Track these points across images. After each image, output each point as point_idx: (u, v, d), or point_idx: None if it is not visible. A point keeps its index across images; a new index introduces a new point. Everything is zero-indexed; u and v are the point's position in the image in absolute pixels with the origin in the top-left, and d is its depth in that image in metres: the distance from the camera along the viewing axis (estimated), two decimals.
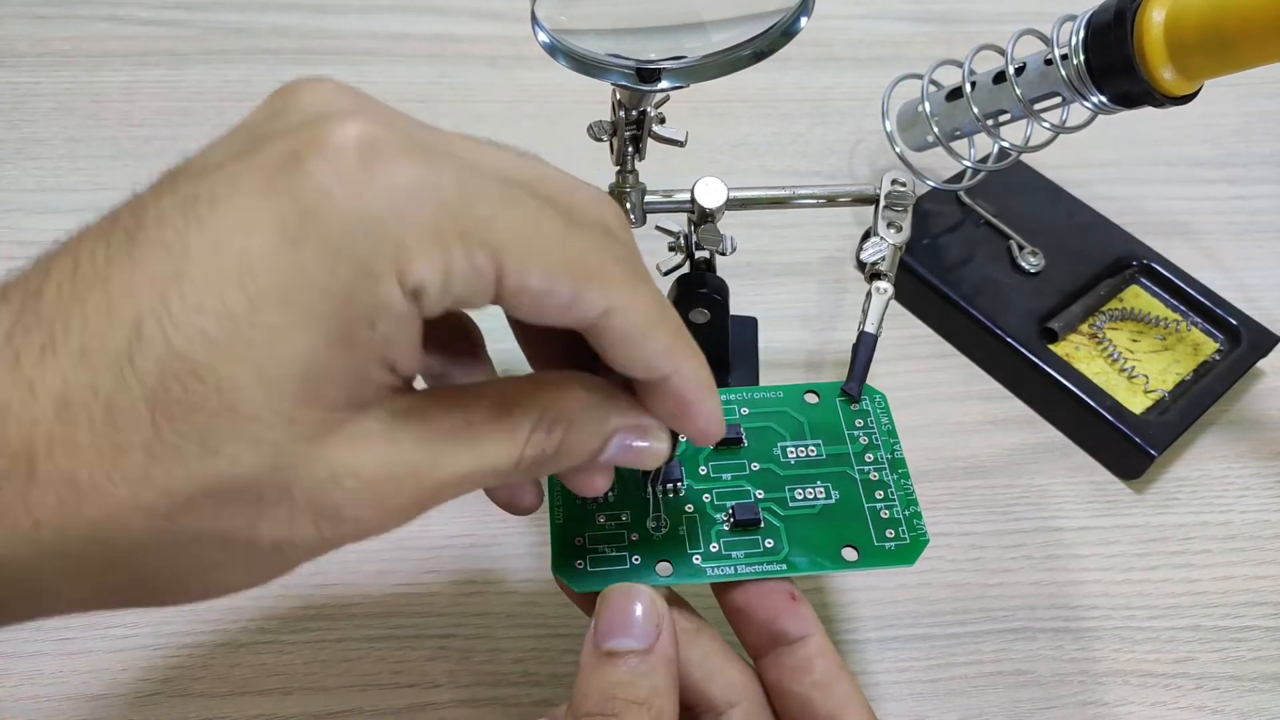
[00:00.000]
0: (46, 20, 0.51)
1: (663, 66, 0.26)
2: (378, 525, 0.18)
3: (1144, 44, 0.32)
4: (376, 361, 0.17)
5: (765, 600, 0.24)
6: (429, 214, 0.16)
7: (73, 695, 0.30)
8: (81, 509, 0.15)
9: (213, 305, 0.15)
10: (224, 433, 0.16)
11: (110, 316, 0.15)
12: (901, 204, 0.32)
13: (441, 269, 0.16)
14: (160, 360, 0.15)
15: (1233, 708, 0.32)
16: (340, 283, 0.16)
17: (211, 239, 0.16)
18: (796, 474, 0.26)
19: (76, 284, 0.16)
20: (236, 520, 0.16)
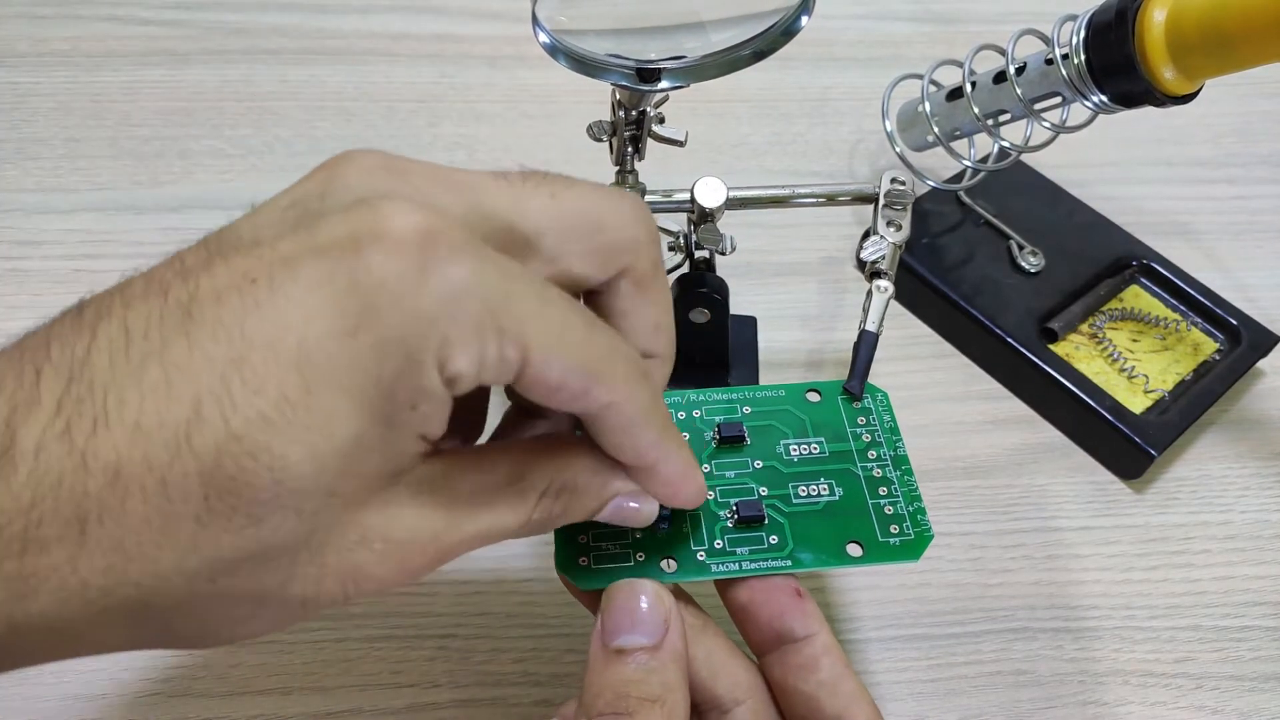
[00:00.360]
0: (47, 20, 0.51)
1: (663, 66, 0.26)
2: (394, 582, 0.19)
3: (1145, 43, 0.32)
4: (413, 437, 0.18)
5: (770, 597, 0.24)
6: (474, 313, 0.18)
7: (73, 695, 0.30)
8: (128, 572, 0.16)
9: (271, 390, 0.16)
10: (270, 506, 0.17)
11: (169, 396, 0.16)
12: (901, 202, 0.32)
13: (478, 360, 0.18)
14: (218, 441, 0.16)
15: (1233, 707, 0.32)
16: (390, 371, 0.17)
17: (271, 324, 0.17)
18: (800, 471, 0.26)
19: (130, 356, 0.17)
20: (271, 580, 0.18)
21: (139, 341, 0.17)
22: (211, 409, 0.16)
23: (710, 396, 0.27)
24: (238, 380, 0.16)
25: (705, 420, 0.27)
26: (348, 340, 0.17)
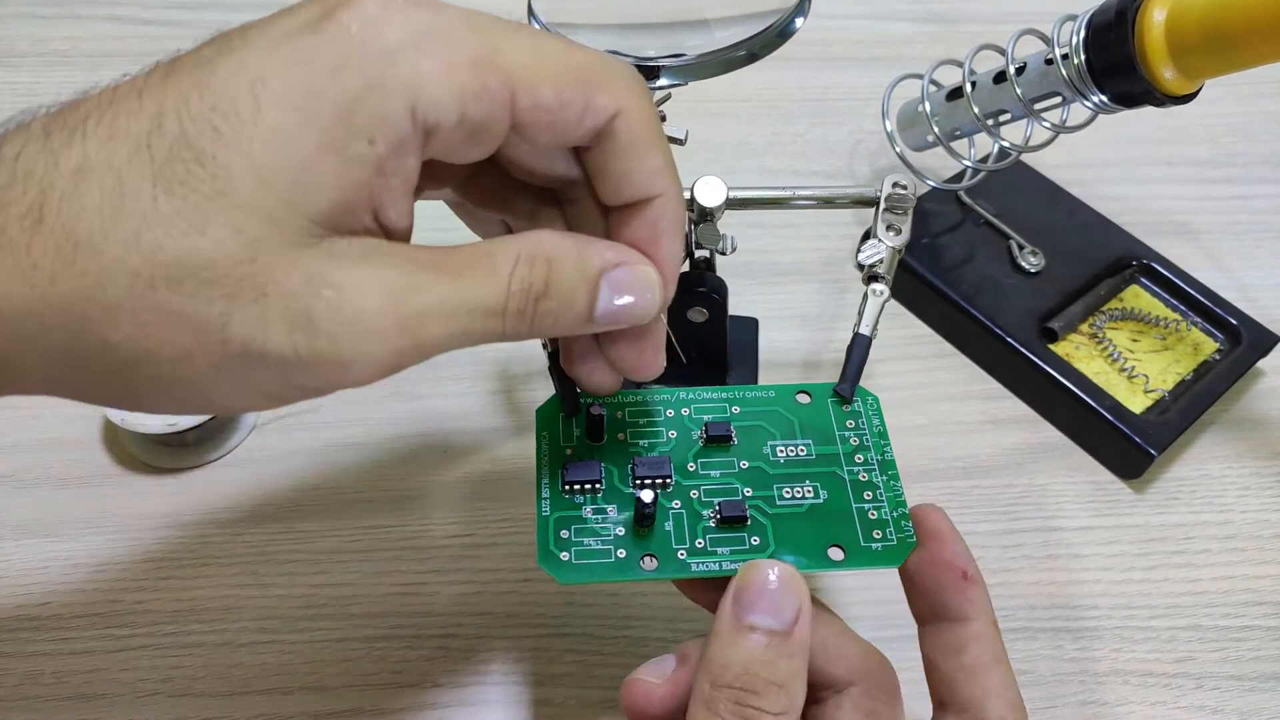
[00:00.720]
0: (47, 20, 0.51)
1: (662, 64, 0.26)
2: (351, 350, 0.18)
3: (1145, 43, 0.32)
4: (365, 192, 0.18)
5: (936, 571, 0.24)
6: (444, 45, 0.18)
7: (73, 695, 0.30)
8: (75, 262, 0.17)
9: (225, 105, 0.17)
10: (213, 216, 0.17)
11: (138, 112, 0.17)
12: (902, 207, 0.32)
13: (456, 92, 0.18)
14: (171, 144, 0.17)
15: (1233, 707, 0.32)
16: (347, 91, 0.18)
17: (237, 62, 0.18)
18: (785, 473, 0.26)
19: (116, 95, 0.18)
20: (211, 308, 0.17)
21: (123, 90, 0.18)
22: (171, 120, 0.17)
23: (700, 395, 0.27)
24: (197, 99, 0.17)
25: (693, 419, 0.27)
26: (305, 67, 0.18)
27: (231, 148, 0.17)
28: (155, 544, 0.33)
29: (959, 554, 0.24)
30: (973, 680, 0.23)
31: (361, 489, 0.35)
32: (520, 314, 0.20)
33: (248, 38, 0.18)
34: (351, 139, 0.18)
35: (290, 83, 0.17)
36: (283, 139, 0.17)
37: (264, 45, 0.18)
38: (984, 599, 0.24)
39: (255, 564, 0.33)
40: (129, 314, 0.17)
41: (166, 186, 0.17)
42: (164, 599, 0.32)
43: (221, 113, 0.17)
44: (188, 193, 0.17)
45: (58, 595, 0.32)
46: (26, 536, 0.33)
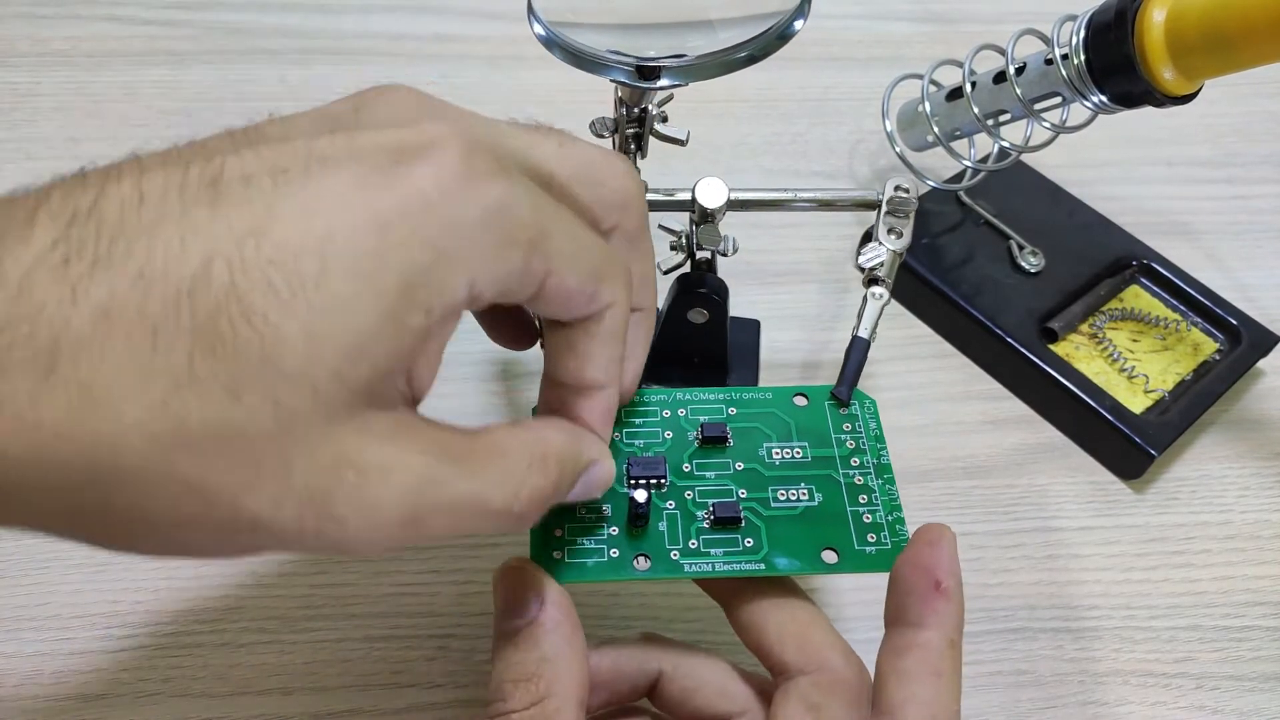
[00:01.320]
0: (47, 20, 0.51)
1: (663, 64, 0.26)
2: (354, 535, 0.17)
3: (1144, 44, 0.32)
4: (405, 359, 0.18)
5: (912, 574, 0.23)
6: (511, 227, 0.18)
7: (74, 695, 0.30)
8: (87, 420, 0.15)
9: (287, 261, 0.16)
10: (251, 383, 0.16)
11: (180, 250, 0.16)
12: (904, 210, 0.32)
13: (506, 273, 0.19)
14: (218, 298, 0.15)
15: (1232, 708, 0.32)
16: (415, 266, 0.17)
17: (301, 207, 0.16)
18: (781, 475, 0.26)
19: (143, 214, 0.16)
20: (229, 478, 0.16)
21: (154, 203, 0.16)
22: (221, 269, 0.15)
23: (696, 396, 0.27)
24: (254, 248, 0.16)
25: (689, 420, 0.27)
26: (378, 233, 0.17)
27: (288, 310, 0.16)
28: None
29: (939, 565, 0.23)
30: (901, 685, 0.22)
31: None
32: (524, 518, 0.20)
33: (309, 171, 0.17)
34: (411, 311, 0.17)
35: (359, 248, 0.16)
36: (346, 309, 0.16)
37: (333, 189, 0.17)
38: (950, 615, 0.23)
39: (254, 564, 0.33)
40: (138, 480, 0.16)
41: (207, 346, 0.15)
42: (164, 599, 0.32)
43: (281, 268, 0.16)
44: (228, 355, 0.15)
45: (58, 595, 0.32)
46: (27, 536, 0.33)
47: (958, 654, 0.23)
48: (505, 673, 0.22)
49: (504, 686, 0.22)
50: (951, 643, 0.23)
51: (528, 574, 0.23)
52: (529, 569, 0.23)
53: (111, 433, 0.15)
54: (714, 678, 0.25)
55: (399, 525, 0.18)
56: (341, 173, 0.17)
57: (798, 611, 0.24)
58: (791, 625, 0.24)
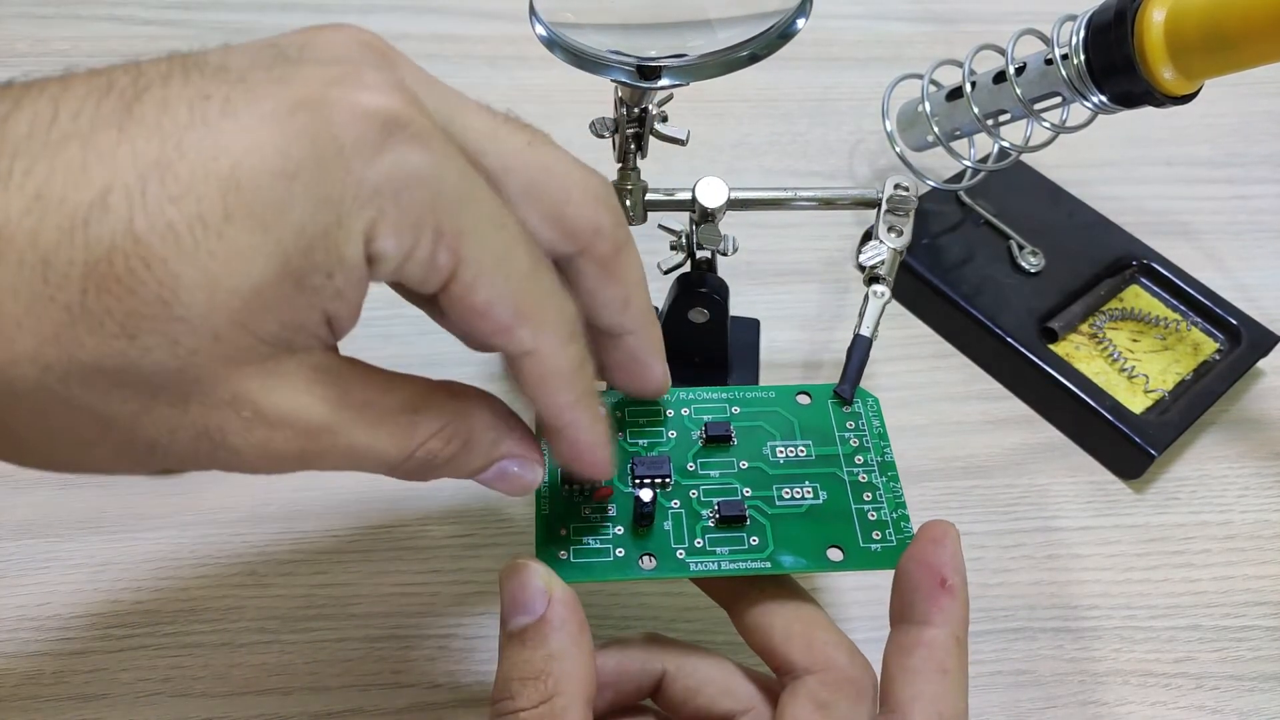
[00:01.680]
0: (47, 20, 0.51)
1: (663, 64, 0.26)
2: (250, 465, 0.18)
3: (1144, 44, 0.32)
4: (319, 311, 0.17)
5: (917, 572, 0.23)
6: (418, 201, 0.17)
7: (73, 695, 0.30)
8: None
9: (189, 205, 0.15)
10: (148, 324, 0.16)
11: (81, 175, 0.15)
12: (904, 208, 0.32)
13: (407, 250, 0.17)
14: (115, 235, 0.15)
15: (1232, 707, 0.32)
16: (317, 227, 0.16)
17: (212, 142, 0.16)
18: (785, 473, 0.26)
19: (51, 132, 0.15)
20: (125, 407, 0.16)
21: (65, 121, 0.16)
22: (120, 201, 0.15)
23: (700, 395, 0.27)
24: (157, 183, 0.15)
25: (693, 419, 0.27)
26: (284, 181, 0.16)
27: (186, 257, 0.15)
28: (155, 544, 0.33)
29: (944, 562, 0.23)
30: (908, 683, 0.22)
31: (361, 489, 0.35)
32: (411, 473, 0.20)
33: (229, 101, 0.16)
34: (310, 272, 0.17)
35: (263, 196, 0.16)
36: (246, 261, 0.16)
37: (247, 125, 0.16)
38: (956, 613, 0.23)
39: (255, 564, 0.33)
40: (34, 405, 0.16)
41: (101, 283, 0.15)
42: (164, 599, 0.32)
43: (181, 208, 0.15)
44: (124, 294, 0.15)
45: (58, 595, 0.32)
46: (27, 536, 0.33)
47: (964, 651, 0.23)
48: (512, 671, 0.22)
49: (511, 685, 0.21)
50: (958, 640, 0.23)
51: (533, 571, 0.23)
52: (535, 566, 0.23)
53: (4, 360, 0.15)
54: (717, 676, 0.25)
55: (291, 460, 0.18)
56: (260, 106, 0.16)
57: (802, 611, 0.24)
58: (797, 625, 0.24)
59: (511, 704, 0.21)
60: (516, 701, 0.21)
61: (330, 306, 0.17)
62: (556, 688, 0.21)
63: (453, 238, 0.18)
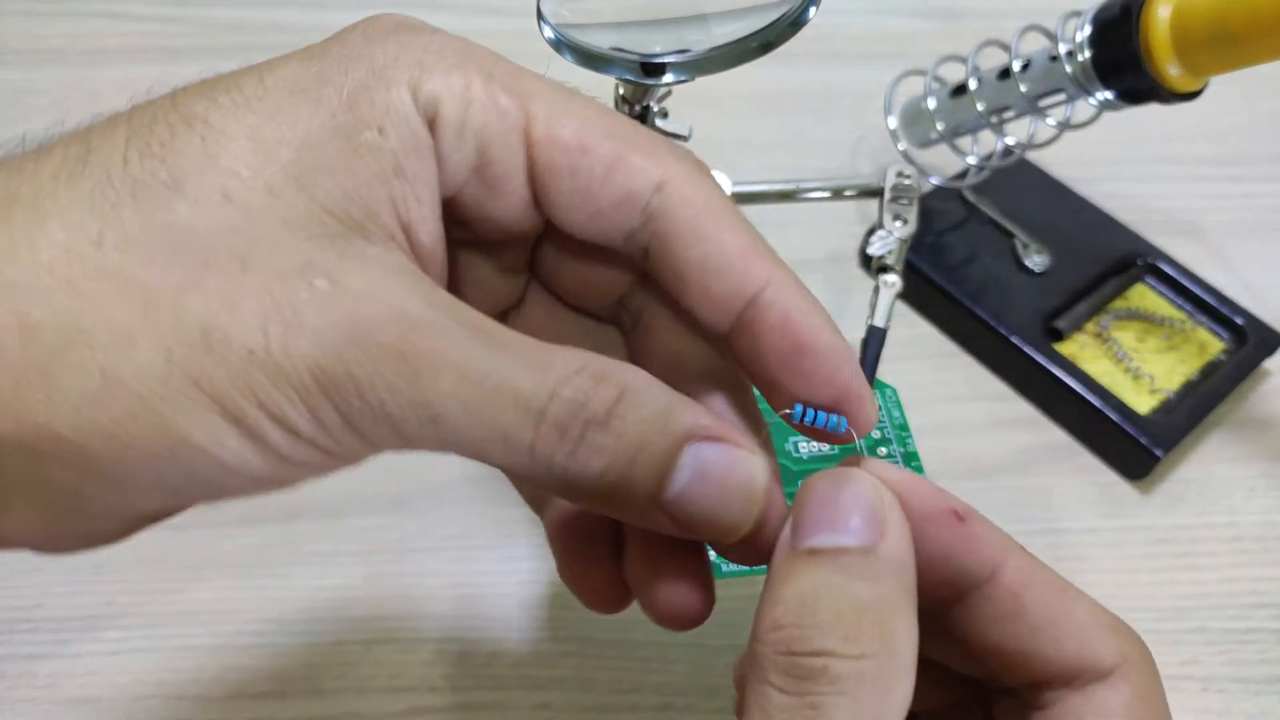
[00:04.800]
0: (42, 16, 0.51)
1: (667, 60, 0.26)
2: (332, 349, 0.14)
3: (1150, 40, 0.32)
4: (384, 192, 0.15)
5: (928, 536, 0.17)
6: (456, 51, 0.17)
7: (68, 698, 0.30)
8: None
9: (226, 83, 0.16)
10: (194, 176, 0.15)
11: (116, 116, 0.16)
12: (907, 197, 0.32)
13: (459, 93, 0.16)
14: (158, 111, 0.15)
15: (1239, 710, 0.32)
16: (353, 79, 0.16)
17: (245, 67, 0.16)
18: (809, 469, 0.26)
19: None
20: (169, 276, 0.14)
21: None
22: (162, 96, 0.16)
23: None
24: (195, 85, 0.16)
25: None
26: (311, 62, 0.16)
27: (229, 114, 0.15)
28: (150, 546, 0.33)
29: (933, 495, 0.17)
30: (1056, 636, 0.16)
31: (358, 491, 0.34)
32: (560, 430, 0.15)
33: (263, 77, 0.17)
34: (360, 126, 0.15)
35: (295, 72, 0.16)
36: (287, 113, 0.15)
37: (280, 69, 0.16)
38: (997, 533, 0.18)
39: (250, 566, 0.32)
40: (61, 279, 0.14)
41: (144, 145, 0.15)
42: (159, 601, 0.32)
43: (223, 88, 0.15)
44: (167, 154, 0.14)
45: (52, 597, 0.31)
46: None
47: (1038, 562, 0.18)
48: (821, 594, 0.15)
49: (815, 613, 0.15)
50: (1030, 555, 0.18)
51: (871, 485, 0.16)
52: (874, 483, 0.16)
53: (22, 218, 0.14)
54: None
55: (389, 358, 0.14)
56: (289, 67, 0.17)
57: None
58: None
59: (812, 636, 0.15)
60: (822, 634, 0.15)
61: (396, 189, 0.15)
62: (890, 647, 0.15)
63: (506, 79, 0.16)
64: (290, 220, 0.15)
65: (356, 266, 0.15)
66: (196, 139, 0.15)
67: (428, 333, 0.15)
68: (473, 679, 0.31)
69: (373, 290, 0.15)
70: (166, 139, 0.15)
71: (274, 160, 0.15)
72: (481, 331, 0.15)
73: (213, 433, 0.14)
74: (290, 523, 0.34)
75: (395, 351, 0.14)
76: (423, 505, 0.34)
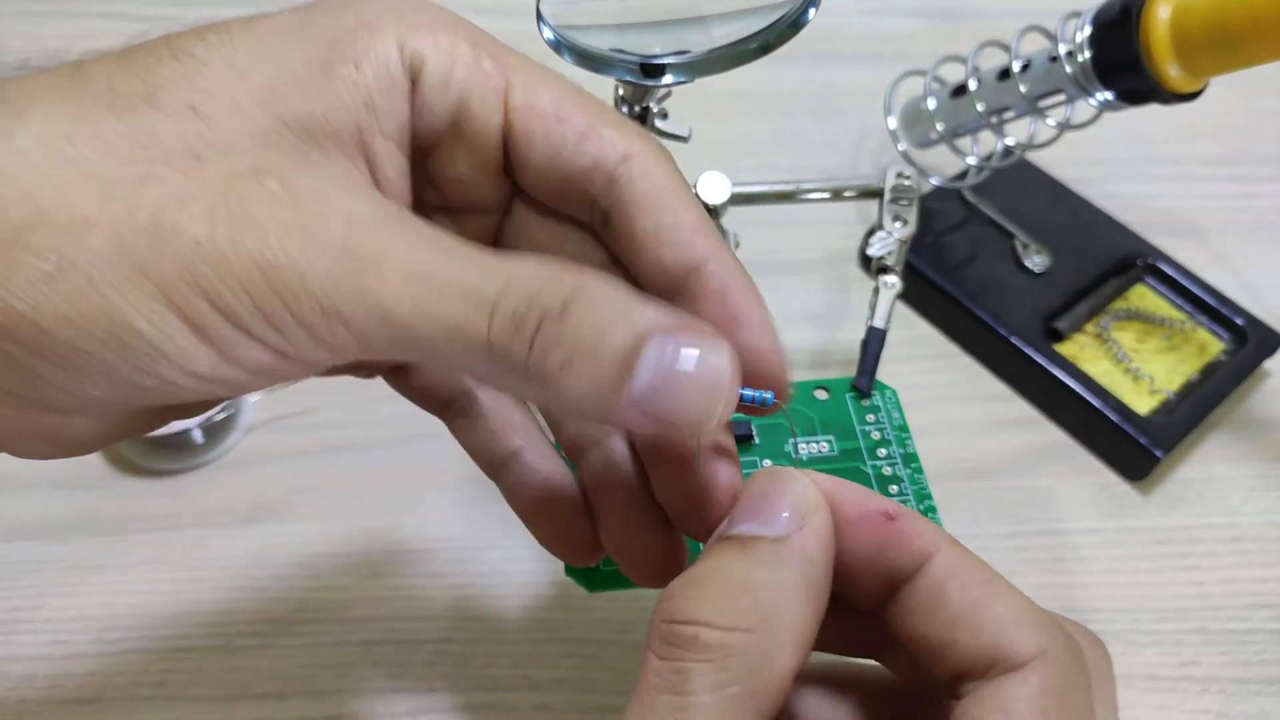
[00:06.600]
0: (41, 17, 0.51)
1: (667, 62, 0.26)
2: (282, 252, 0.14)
3: (1150, 40, 0.32)
4: (353, 118, 0.16)
5: (855, 534, 0.17)
6: (442, 17, 0.17)
7: (68, 699, 0.30)
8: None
9: (215, 24, 0.17)
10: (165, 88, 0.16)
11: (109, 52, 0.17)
12: (907, 197, 0.32)
13: (446, 50, 0.17)
14: (150, 44, 0.17)
15: (1238, 711, 0.32)
16: (339, 24, 0.17)
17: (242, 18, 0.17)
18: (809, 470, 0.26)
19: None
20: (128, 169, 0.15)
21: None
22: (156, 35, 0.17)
23: None
24: (204, 26, 0.17)
25: None
26: (301, 12, 0.17)
27: (214, 49, 0.16)
28: (149, 547, 0.33)
29: (866, 497, 0.18)
30: (974, 625, 0.16)
31: (357, 491, 0.34)
32: (516, 323, 0.15)
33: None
34: (338, 61, 0.16)
35: (288, 17, 0.17)
36: (268, 46, 0.16)
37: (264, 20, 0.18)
38: (929, 528, 0.18)
39: (250, 567, 0.32)
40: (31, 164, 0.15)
41: (128, 68, 0.16)
42: (158, 602, 0.32)
43: (213, 30, 0.17)
44: (149, 75, 0.16)
45: (52, 598, 0.31)
46: (20, 539, 0.33)
47: (976, 556, 0.18)
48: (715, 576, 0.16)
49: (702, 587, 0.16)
50: (962, 548, 0.18)
51: (797, 482, 0.17)
52: (803, 481, 0.17)
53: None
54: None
55: (336, 258, 0.15)
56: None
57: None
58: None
59: (691, 606, 0.16)
60: (700, 605, 0.16)
61: (364, 119, 0.16)
62: (767, 625, 0.16)
63: (490, 47, 0.17)
64: (251, 131, 0.16)
65: (307, 172, 0.16)
66: (179, 66, 0.16)
67: (375, 231, 0.15)
68: (473, 679, 0.31)
69: (321, 191, 0.15)
70: (153, 65, 0.16)
71: (245, 83, 0.16)
72: (432, 237, 0.16)
73: (156, 322, 0.15)
74: (290, 523, 0.34)
75: (340, 247, 0.15)
76: (423, 505, 0.34)
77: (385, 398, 0.37)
